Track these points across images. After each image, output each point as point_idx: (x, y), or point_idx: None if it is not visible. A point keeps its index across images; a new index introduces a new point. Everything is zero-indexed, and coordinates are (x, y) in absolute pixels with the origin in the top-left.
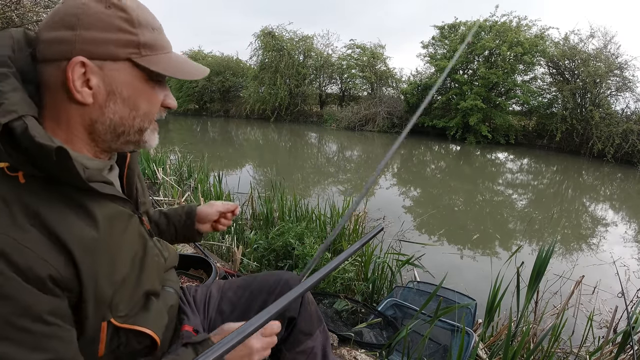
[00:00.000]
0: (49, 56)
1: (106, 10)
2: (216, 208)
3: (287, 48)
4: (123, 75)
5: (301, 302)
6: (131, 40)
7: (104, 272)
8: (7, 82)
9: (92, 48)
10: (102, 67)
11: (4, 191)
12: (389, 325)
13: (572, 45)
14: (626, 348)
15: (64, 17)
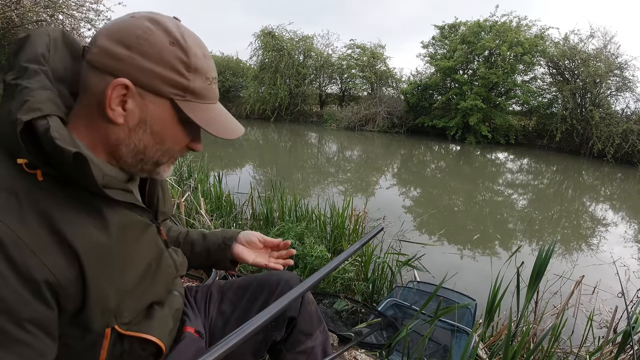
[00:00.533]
0: (98, 65)
1: (169, 45)
2: (256, 234)
3: (287, 48)
4: (160, 110)
5: (301, 302)
6: (180, 83)
7: (110, 278)
8: (36, 79)
9: (140, 75)
10: (143, 96)
11: (19, 188)
12: (389, 325)
13: (572, 45)
14: (626, 348)
15: (127, 34)
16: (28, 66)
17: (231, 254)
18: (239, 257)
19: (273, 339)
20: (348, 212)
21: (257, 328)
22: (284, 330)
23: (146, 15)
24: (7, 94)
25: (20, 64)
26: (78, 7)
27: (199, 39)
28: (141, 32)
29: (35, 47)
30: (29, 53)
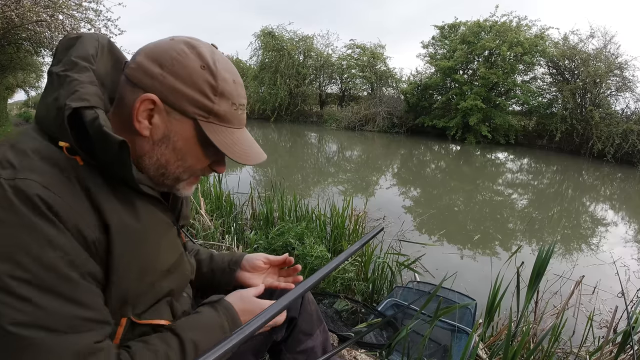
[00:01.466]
0: (134, 79)
1: (199, 69)
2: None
3: (287, 48)
4: (184, 129)
5: (301, 302)
6: (205, 105)
7: (134, 265)
8: (85, 74)
9: (168, 93)
10: (169, 112)
11: (65, 166)
12: (389, 325)
13: (572, 45)
14: (626, 348)
15: (163, 53)
16: (78, 62)
17: (235, 280)
18: (245, 284)
19: (274, 339)
20: (348, 212)
21: (257, 328)
22: (285, 330)
23: (184, 40)
24: (54, 83)
25: (71, 58)
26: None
27: (231, 65)
28: (176, 54)
29: (86, 47)
30: (80, 51)
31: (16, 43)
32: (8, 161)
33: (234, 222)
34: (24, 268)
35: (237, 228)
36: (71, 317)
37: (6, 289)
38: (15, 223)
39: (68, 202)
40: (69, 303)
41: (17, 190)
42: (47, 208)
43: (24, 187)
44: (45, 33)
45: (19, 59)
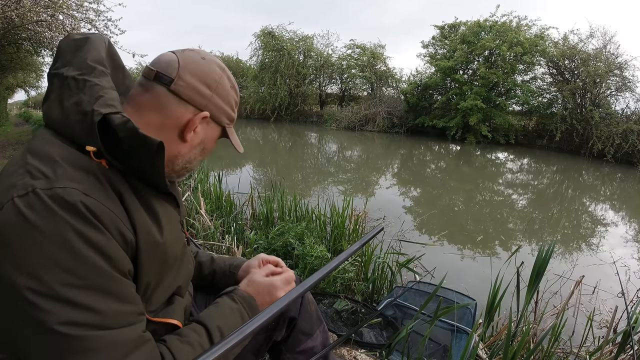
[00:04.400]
0: (185, 97)
1: (230, 89)
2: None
3: (287, 48)
4: (214, 133)
5: (301, 302)
6: (231, 115)
7: (154, 272)
8: (105, 79)
9: (214, 110)
10: (209, 123)
11: (96, 171)
12: (389, 325)
13: (572, 45)
14: (626, 348)
15: (207, 76)
16: (96, 66)
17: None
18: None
19: (274, 339)
20: (348, 212)
21: (257, 328)
22: (284, 330)
23: (214, 61)
24: (72, 87)
25: (87, 62)
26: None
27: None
28: (217, 78)
29: (99, 50)
30: (95, 54)
31: (16, 43)
32: (39, 170)
33: (234, 222)
34: (76, 274)
35: (237, 228)
36: (121, 313)
37: (60, 296)
38: (61, 232)
39: (108, 206)
40: (119, 301)
41: (59, 199)
42: (90, 214)
43: (65, 196)
44: (45, 33)
45: (19, 59)
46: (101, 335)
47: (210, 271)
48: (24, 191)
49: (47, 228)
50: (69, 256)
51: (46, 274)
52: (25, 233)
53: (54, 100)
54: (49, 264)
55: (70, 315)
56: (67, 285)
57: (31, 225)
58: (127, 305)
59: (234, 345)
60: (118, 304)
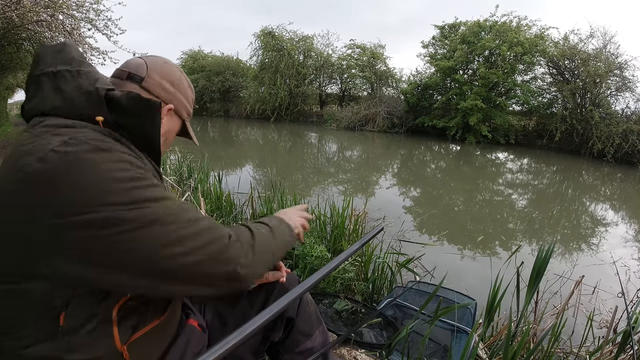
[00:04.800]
0: (154, 92)
1: (188, 88)
2: None
3: (287, 48)
4: (175, 125)
5: (299, 303)
6: (189, 110)
7: None
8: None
9: (177, 104)
10: (172, 116)
11: (107, 133)
12: (389, 325)
13: (572, 45)
14: (626, 348)
15: (170, 76)
16: (82, 60)
17: None
18: None
19: (271, 339)
20: (348, 212)
21: (257, 328)
22: (282, 331)
23: (175, 65)
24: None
25: (74, 57)
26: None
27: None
28: (178, 77)
29: (78, 50)
30: (77, 53)
31: (16, 43)
32: (66, 131)
33: (234, 222)
34: (138, 179)
35: None
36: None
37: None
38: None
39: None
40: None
41: (92, 142)
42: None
43: (97, 142)
44: (45, 33)
45: (19, 59)
46: (184, 207)
47: None
48: (59, 143)
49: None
50: (123, 172)
51: (115, 192)
52: (80, 171)
53: (49, 93)
54: (110, 185)
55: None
56: (136, 188)
57: (82, 160)
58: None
59: (234, 345)
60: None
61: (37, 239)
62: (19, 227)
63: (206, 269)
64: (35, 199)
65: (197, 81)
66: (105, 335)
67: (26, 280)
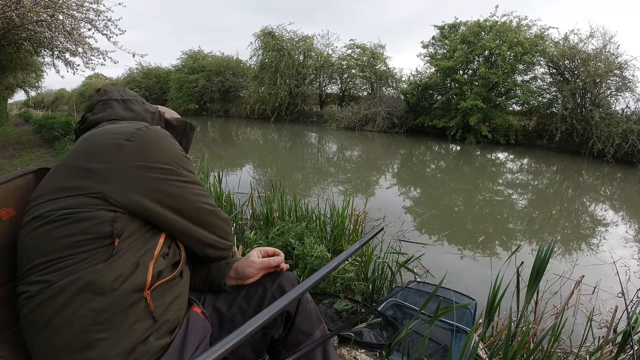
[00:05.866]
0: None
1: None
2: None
3: (287, 48)
4: None
5: (299, 302)
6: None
7: None
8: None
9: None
10: None
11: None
12: (389, 325)
13: (572, 45)
14: (626, 348)
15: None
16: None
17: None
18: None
19: (272, 336)
20: (348, 212)
21: (257, 328)
22: (282, 328)
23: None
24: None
25: (135, 95)
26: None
27: None
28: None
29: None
30: (130, 92)
31: (16, 43)
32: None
33: (234, 222)
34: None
35: (237, 228)
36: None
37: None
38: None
39: None
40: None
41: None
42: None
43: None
44: (45, 33)
45: (19, 59)
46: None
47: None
48: (140, 126)
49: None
50: (180, 150)
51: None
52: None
53: (119, 109)
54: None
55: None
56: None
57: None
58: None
59: (234, 345)
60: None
61: (121, 175)
62: (108, 169)
63: (218, 222)
64: (128, 153)
65: (197, 81)
66: (143, 268)
67: (97, 209)
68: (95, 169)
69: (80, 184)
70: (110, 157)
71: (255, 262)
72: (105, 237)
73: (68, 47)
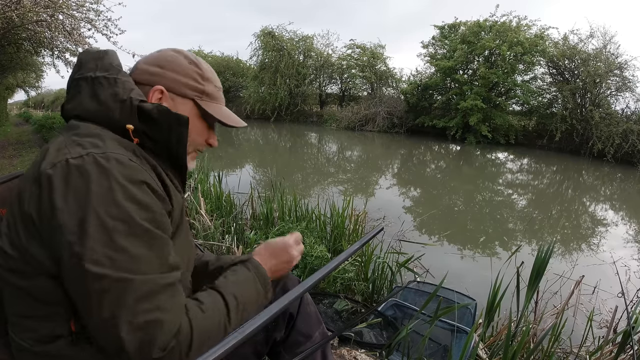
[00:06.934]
0: (140, 80)
1: (188, 64)
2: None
3: (287, 48)
4: (186, 108)
5: (300, 302)
6: (197, 87)
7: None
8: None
9: (171, 84)
10: (174, 99)
11: (133, 146)
12: (389, 325)
13: (572, 45)
14: (626, 348)
15: (159, 58)
16: (120, 69)
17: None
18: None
19: (274, 338)
20: (348, 212)
21: (257, 328)
22: (284, 329)
23: (170, 49)
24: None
25: (113, 65)
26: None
27: (206, 63)
28: (169, 57)
29: (118, 59)
30: (117, 61)
31: (16, 43)
32: (90, 143)
33: (234, 222)
34: (118, 220)
35: (237, 228)
36: (157, 263)
37: (106, 238)
38: (110, 184)
39: (147, 171)
40: (155, 251)
41: (111, 159)
42: (138, 174)
43: (117, 157)
44: (45, 33)
45: (19, 59)
46: (132, 277)
47: (217, 267)
48: (78, 155)
49: (99, 179)
50: (113, 205)
51: (90, 217)
52: (77, 181)
53: (86, 97)
54: (96, 210)
55: (107, 253)
56: (114, 230)
57: (87, 175)
58: (162, 258)
59: (234, 345)
60: (152, 254)
61: (41, 234)
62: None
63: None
64: (38, 198)
65: None
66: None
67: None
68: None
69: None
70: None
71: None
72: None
73: (68, 47)
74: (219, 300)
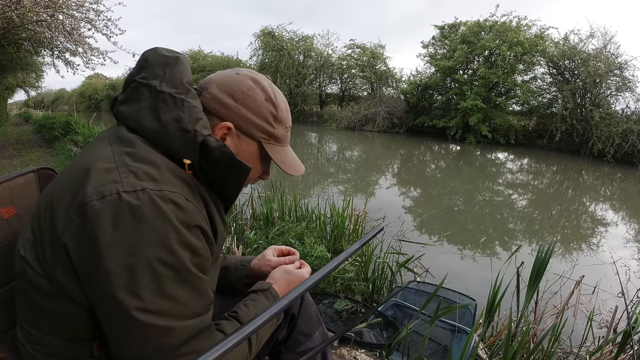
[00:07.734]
0: (209, 108)
1: (264, 101)
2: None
3: (287, 48)
4: (249, 148)
5: (301, 302)
6: (268, 130)
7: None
8: (198, 101)
9: (240, 122)
10: (240, 136)
11: (189, 179)
12: (389, 325)
13: (572, 45)
14: (626, 348)
15: (234, 88)
16: (190, 88)
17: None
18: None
19: (276, 338)
20: (348, 212)
21: (257, 328)
22: (285, 330)
23: (249, 75)
24: (168, 103)
25: (184, 83)
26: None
27: (282, 95)
28: (246, 89)
29: (189, 72)
30: (188, 76)
31: (16, 43)
32: (145, 172)
33: (234, 222)
34: (169, 268)
35: (237, 228)
36: (198, 305)
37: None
38: (165, 228)
39: (200, 211)
40: (198, 295)
41: (167, 200)
42: (191, 217)
43: (174, 198)
44: (45, 33)
45: (19, 59)
46: (176, 325)
47: (222, 267)
48: (132, 189)
49: (154, 223)
50: (167, 252)
51: (141, 265)
52: (130, 225)
53: (146, 110)
54: (148, 257)
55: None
56: (162, 277)
57: (141, 218)
58: (204, 298)
59: (234, 345)
60: (197, 297)
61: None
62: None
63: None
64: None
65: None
66: None
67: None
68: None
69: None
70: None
71: (271, 260)
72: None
73: (68, 47)
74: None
